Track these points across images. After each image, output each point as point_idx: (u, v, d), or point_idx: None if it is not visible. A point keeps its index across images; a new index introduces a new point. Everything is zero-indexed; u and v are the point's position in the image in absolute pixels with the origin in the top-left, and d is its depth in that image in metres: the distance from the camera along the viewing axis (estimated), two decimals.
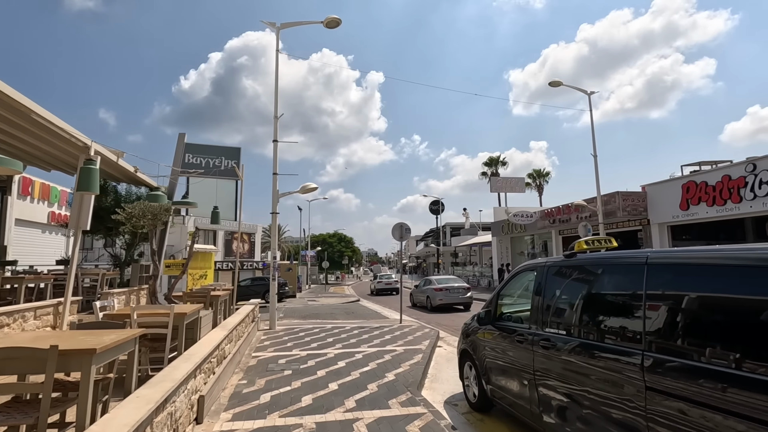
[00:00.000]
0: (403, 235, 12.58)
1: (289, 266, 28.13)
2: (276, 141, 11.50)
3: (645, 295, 2.71)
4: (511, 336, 4.18)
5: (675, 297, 2.56)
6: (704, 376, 2.22)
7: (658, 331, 2.56)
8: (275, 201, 11.21)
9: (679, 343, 2.44)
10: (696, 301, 2.43)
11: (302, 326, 11.68)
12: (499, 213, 28.49)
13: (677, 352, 2.42)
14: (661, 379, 2.45)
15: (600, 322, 3.11)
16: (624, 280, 2.99)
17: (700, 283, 2.44)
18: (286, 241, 60.83)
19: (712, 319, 2.38)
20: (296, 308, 19.62)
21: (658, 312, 2.61)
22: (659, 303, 2.63)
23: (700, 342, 2.36)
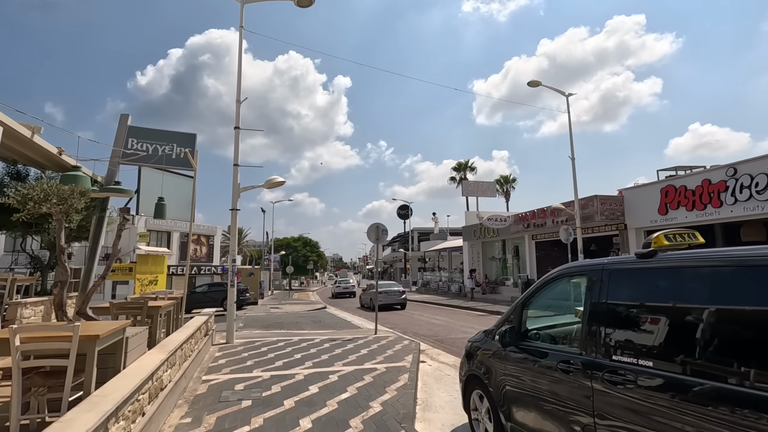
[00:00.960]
0: (380, 236, 11.49)
1: (250, 271, 26.32)
2: (238, 128, 10.13)
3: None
4: (548, 362, 3.16)
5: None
6: None
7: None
8: (235, 196, 9.82)
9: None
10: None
11: (265, 339, 10.28)
12: (471, 217, 27.97)
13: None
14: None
15: (723, 354, 2.11)
16: (761, 291, 2.03)
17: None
18: (248, 245, 58.23)
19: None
20: (258, 317, 18.03)
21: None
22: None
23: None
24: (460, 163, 48.60)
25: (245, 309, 21.75)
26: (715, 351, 2.16)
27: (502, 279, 25.48)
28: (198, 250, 28.82)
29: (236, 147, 10.03)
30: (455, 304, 20.73)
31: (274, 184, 9.92)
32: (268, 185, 9.90)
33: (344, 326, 14.17)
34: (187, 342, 6.08)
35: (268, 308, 22.36)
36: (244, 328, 13.87)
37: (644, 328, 2.55)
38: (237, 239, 9.42)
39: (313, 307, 23.12)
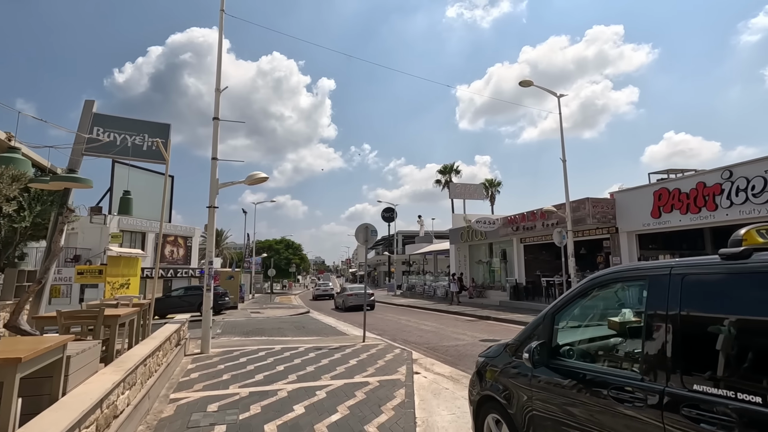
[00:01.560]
0: (369, 238, 10.84)
1: (230, 274, 25.27)
2: (217, 119, 9.35)
3: None
4: (593, 387, 2.57)
5: None
6: None
7: None
8: (214, 192, 9.03)
9: None
10: None
11: (244, 347, 9.48)
12: (458, 220, 27.58)
13: None
14: None
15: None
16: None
17: None
18: (228, 247, 56.74)
19: None
20: (237, 322, 17.10)
21: None
22: None
23: None
24: (445, 165, 48.33)
25: (224, 314, 20.75)
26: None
27: (489, 283, 25.10)
28: (174, 251, 27.58)
29: (215, 139, 9.25)
30: (443, 309, 20.19)
31: (257, 180, 9.17)
32: (249, 181, 9.14)
33: (330, 332, 13.43)
34: (153, 355, 5.30)
35: (249, 313, 21.40)
36: (222, 335, 13.00)
37: (743, 349, 1.97)
38: (215, 240, 8.64)
39: (295, 311, 22.26)
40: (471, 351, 9.51)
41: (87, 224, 21.88)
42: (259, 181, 9.24)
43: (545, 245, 20.98)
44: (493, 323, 14.83)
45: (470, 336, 11.94)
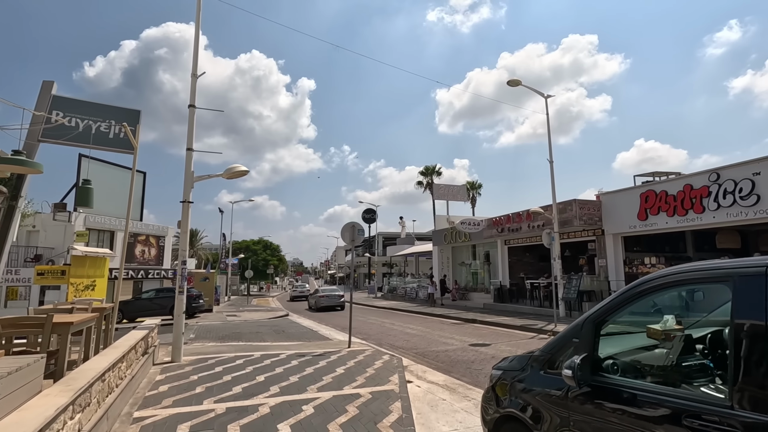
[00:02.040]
0: (355, 237, 10.27)
1: (205, 275, 24.18)
2: (193, 107, 8.61)
3: None
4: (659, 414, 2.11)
5: None
6: None
7: None
8: (188, 186, 8.30)
9: None
10: None
11: (219, 354, 8.75)
12: (441, 221, 27.26)
13: None
14: None
15: None
16: None
17: None
18: (203, 248, 55.00)
19: None
20: (212, 326, 16.21)
21: None
22: None
23: None
24: (427, 167, 48.17)
25: (198, 317, 19.75)
26: None
27: (472, 285, 24.85)
28: (146, 251, 26.24)
29: (190, 128, 8.51)
30: (427, 312, 19.77)
31: (236, 174, 8.48)
32: (228, 174, 8.44)
33: (312, 337, 12.77)
34: (115, 368, 4.60)
35: (225, 316, 20.45)
36: (195, 340, 12.17)
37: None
38: (189, 238, 7.91)
39: (274, 314, 21.42)
40: (462, 357, 9.07)
41: (50, 222, 20.45)
42: (238, 175, 8.56)
43: (529, 247, 20.86)
44: (480, 326, 14.47)
45: (458, 340, 11.51)
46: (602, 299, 13.40)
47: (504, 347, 10.20)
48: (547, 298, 17.64)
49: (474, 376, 7.30)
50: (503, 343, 10.80)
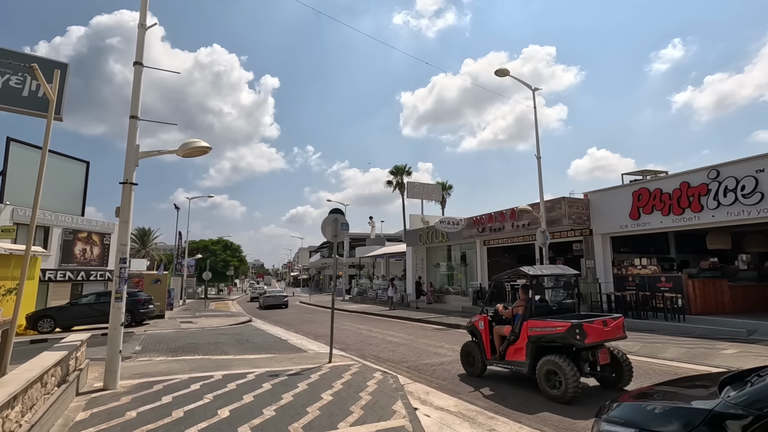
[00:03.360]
0: (338, 232, 8.79)
1: (157, 277, 21.70)
2: (139, 64, 6.86)
3: None
4: None
5: None
6: None
7: None
8: (132, 162, 6.53)
9: None
10: None
11: (170, 377, 7.01)
12: (416, 221, 26.16)
13: None
14: None
15: None
16: None
17: None
18: (157, 248, 51.15)
19: None
20: (163, 335, 14.12)
21: None
22: None
23: None
24: (397, 167, 46.99)
25: (147, 324, 17.44)
26: None
27: (448, 287, 23.85)
28: (87, 250, 23.31)
29: (136, 91, 6.75)
30: (404, 316, 18.46)
31: (194, 150, 6.78)
32: (185, 150, 6.72)
33: (282, 347, 11.13)
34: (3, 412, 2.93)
35: (179, 323, 18.23)
36: (141, 354, 10.23)
37: None
38: (130, 230, 6.16)
39: (235, 320, 19.40)
40: (463, 371, 7.80)
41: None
42: (197, 152, 6.86)
43: (509, 248, 20.09)
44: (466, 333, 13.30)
45: (450, 350, 10.27)
46: (591, 302, 12.47)
47: None
48: None
49: (488, 401, 6.03)
50: None
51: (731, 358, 7.89)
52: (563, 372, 5.67)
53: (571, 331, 5.80)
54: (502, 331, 7.10)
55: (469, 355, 7.57)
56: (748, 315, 11.79)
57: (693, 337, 10.33)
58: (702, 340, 9.83)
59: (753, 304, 13.21)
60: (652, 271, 13.31)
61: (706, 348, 8.80)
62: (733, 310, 12.71)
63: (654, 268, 13.32)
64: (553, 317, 6.62)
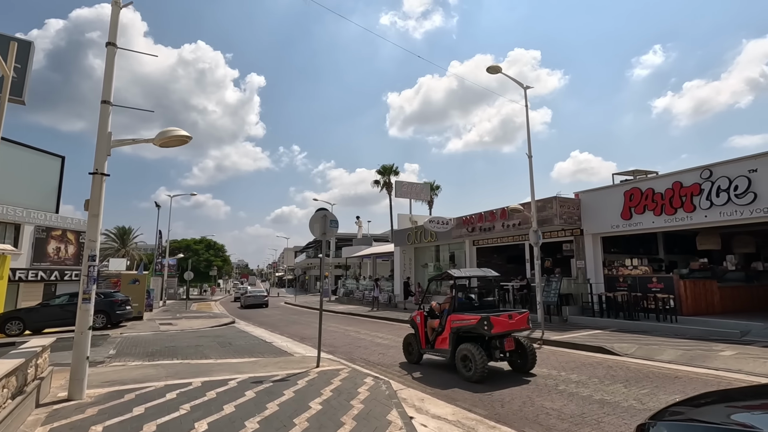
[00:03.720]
0: (327, 229, 8.36)
1: (134, 277, 20.86)
2: (113, 45, 6.33)
3: None
4: None
5: None
6: None
7: None
8: (102, 150, 6.00)
9: None
10: None
11: (144, 384, 6.48)
12: (404, 220, 25.82)
13: None
14: None
15: None
16: None
17: None
18: (137, 248, 49.75)
19: None
20: (141, 338, 13.45)
21: None
22: None
23: None
24: (384, 166, 46.64)
25: (124, 326, 16.70)
26: None
27: (437, 288, 23.54)
28: (62, 249, 22.31)
29: (109, 74, 6.22)
30: (392, 317, 18.08)
31: (172, 139, 6.26)
32: (162, 139, 6.20)
33: (266, 350, 10.63)
34: None
35: (158, 324, 17.50)
36: (115, 359, 9.62)
37: None
38: (101, 222, 5.63)
39: (218, 321, 18.74)
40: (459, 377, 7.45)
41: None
42: (175, 141, 6.35)
43: (498, 248, 19.89)
44: None
45: None
46: (582, 302, 12.31)
47: None
48: (520, 302, 16.62)
49: (488, 406, 5.69)
50: None
51: (730, 360, 7.72)
52: (473, 357, 6.88)
53: (480, 323, 7.05)
54: (433, 324, 8.20)
55: (409, 345, 8.77)
56: (737, 315, 11.77)
57: (687, 338, 10.21)
58: (697, 341, 9.70)
59: (741, 304, 13.24)
60: (643, 272, 13.22)
61: (703, 350, 8.65)
62: (722, 310, 12.69)
63: (645, 269, 13.23)
64: (474, 312, 7.65)
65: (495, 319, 7.11)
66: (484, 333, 7.06)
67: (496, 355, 7.29)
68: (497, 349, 7.27)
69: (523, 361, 7.43)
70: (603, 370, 7.63)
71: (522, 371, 7.44)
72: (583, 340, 10.29)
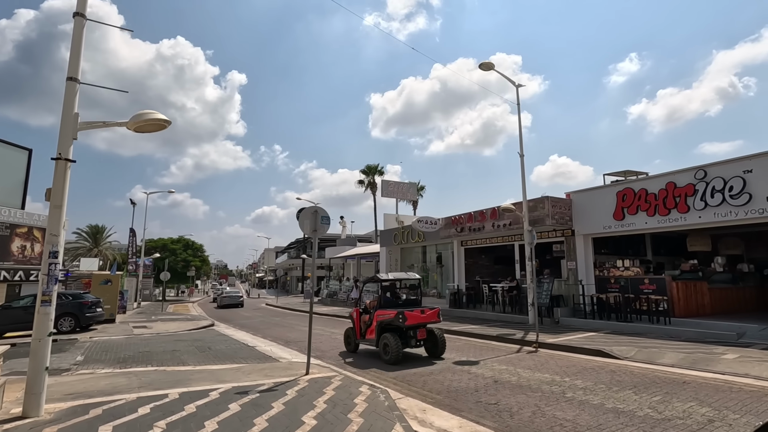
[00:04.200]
0: (318, 227, 7.81)
1: (107, 278, 19.73)
2: (81, 15, 5.65)
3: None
4: None
5: None
6: None
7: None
8: (68, 132, 5.31)
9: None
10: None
11: (113, 397, 5.79)
12: (390, 220, 25.37)
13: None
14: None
15: None
16: None
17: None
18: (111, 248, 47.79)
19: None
20: (112, 342, 12.57)
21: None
22: None
23: None
24: (369, 166, 46.28)
25: (95, 330, 15.69)
26: None
27: (423, 290, 23.15)
28: (27, 247, 20.95)
29: (76, 47, 5.55)
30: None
31: (149, 123, 5.60)
32: (137, 122, 5.53)
33: (249, 356, 9.97)
34: None
35: (131, 328, 16.54)
36: (83, 366, 8.83)
37: None
38: (64, 214, 4.94)
39: (196, 324, 17.86)
40: (457, 382, 7.02)
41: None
42: (152, 126, 5.70)
43: (486, 249, 19.65)
44: (450, 337, 12.47)
45: None
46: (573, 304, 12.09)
47: (496, 365, 8.34)
48: (510, 303, 16.36)
49: (496, 417, 5.25)
50: (491, 359, 8.96)
51: (734, 363, 7.51)
52: (390, 344, 8.49)
53: (396, 317, 8.61)
54: (365, 318, 9.54)
55: (348, 337, 10.39)
56: (728, 317, 11.72)
57: (683, 340, 10.04)
58: (694, 344, 9.53)
59: (730, 306, 13.25)
60: (635, 273, 13.09)
61: (704, 353, 8.44)
62: (712, 312, 12.66)
63: (637, 270, 13.10)
64: (396, 308, 9.09)
65: (409, 313, 8.66)
66: (400, 325, 8.61)
67: (411, 342, 8.86)
68: (412, 338, 8.85)
69: (435, 348, 9.11)
70: (607, 375, 7.30)
71: (434, 356, 9.10)
72: (580, 343, 10.00)
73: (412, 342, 8.86)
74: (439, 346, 9.05)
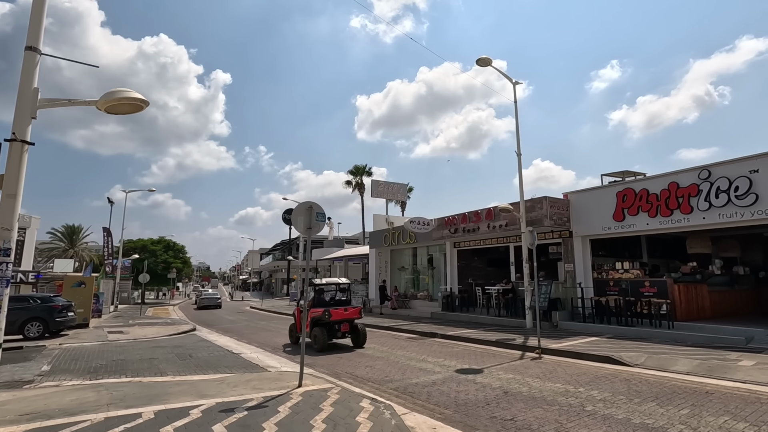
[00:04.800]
0: (313, 224, 7.15)
1: (80, 280, 18.58)
2: None
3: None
4: None
5: None
6: None
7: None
8: (24, 110, 4.55)
9: None
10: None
11: (78, 417, 5.03)
12: (380, 221, 24.74)
13: None
14: None
15: None
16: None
17: None
18: (88, 248, 45.97)
19: None
20: (84, 349, 11.62)
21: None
22: None
23: None
24: (357, 167, 45.60)
25: (66, 335, 14.63)
26: None
27: (414, 292, 22.61)
28: None
29: (37, 13, 4.79)
30: (371, 324, 16.84)
31: (122, 102, 4.87)
32: (109, 101, 4.79)
33: (234, 364, 9.21)
34: None
35: (106, 333, 15.51)
36: (48, 377, 7.97)
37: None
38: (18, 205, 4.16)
39: (176, 329, 16.91)
40: (464, 394, 6.43)
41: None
42: (126, 107, 4.97)
43: (479, 251, 19.20)
44: (445, 342, 12.03)
45: (435, 364, 8.90)
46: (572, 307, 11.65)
47: (502, 374, 7.80)
48: (505, 307, 15.91)
49: None
50: (495, 367, 8.42)
51: (754, 371, 7.12)
52: (318, 336, 10.57)
53: (323, 314, 10.63)
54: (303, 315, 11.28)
55: (292, 332, 12.09)
56: (729, 321, 11.47)
57: (689, 345, 9.69)
58: (704, 349, 9.17)
59: (729, 309, 13.04)
60: (635, 276, 12.77)
61: (718, 359, 8.06)
62: (713, 315, 12.41)
63: (636, 272, 12.78)
64: (325, 307, 10.97)
65: (333, 311, 10.78)
66: (326, 320, 10.63)
67: (337, 335, 10.86)
68: (338, 331, 10.83)
69: (357, 338, 11.14)
70: (622, 384, 6.82)
71: (357, 345, 11.11)
72: (585, 349, 9.55)
73: (338, 334, 10.85)
74: (360, 337, 11.08)
